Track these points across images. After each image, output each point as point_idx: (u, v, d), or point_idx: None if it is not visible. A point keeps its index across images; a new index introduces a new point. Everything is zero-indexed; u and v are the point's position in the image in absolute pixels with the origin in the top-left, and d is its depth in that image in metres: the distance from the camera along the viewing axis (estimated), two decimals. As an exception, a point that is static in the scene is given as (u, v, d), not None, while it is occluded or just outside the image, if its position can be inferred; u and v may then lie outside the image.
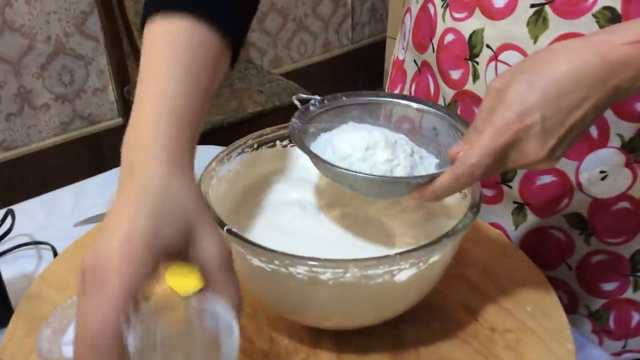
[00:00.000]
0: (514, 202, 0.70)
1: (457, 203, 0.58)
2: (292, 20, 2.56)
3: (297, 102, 0.58)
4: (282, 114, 1.86)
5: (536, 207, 0.69)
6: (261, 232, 0.57)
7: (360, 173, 0.51)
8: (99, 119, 2.17)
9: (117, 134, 2.19)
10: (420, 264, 0.49)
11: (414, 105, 0.59)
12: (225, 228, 0.50)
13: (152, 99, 0.47)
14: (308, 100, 0.59)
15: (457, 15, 0.67)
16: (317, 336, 0.57)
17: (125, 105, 1.98)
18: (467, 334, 0.58)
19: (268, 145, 0.64)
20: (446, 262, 0.53)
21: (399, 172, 0.53)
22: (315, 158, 0.52)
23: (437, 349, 0.56)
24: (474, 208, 0.53)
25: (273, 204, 0.61)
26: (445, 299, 0.61)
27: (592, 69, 0.46)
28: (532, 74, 0.47)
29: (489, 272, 0.65)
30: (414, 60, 0.77)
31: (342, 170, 0.51)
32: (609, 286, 0.70)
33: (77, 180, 0.92)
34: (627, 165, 0.63)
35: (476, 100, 0.68)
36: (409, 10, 0.78)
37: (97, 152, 2.19)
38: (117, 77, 1.97)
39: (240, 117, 1.79)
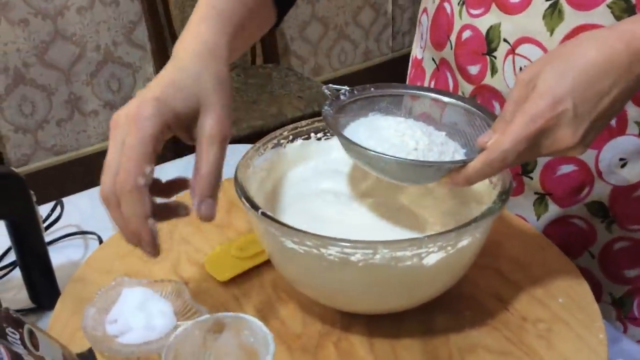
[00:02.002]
0: (535, 193, 0.71)
1: (488, 192, 0.59)
2: (332, 28, 2.60)
3: (327, 92, 0.60)
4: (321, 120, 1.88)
5: (558, 197, 0.70)
6: (294, 217, 0.59)
7: (392, 156, 0.52)
8: (145, 125, 2.23)
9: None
10: (449, 247, 0.50)
11: (442, 98, 0.61)
12: (259, 211, 0.52)
13: (199, 7, 0.55)
14: (338, 90, 0.61)
15: (473, 12, 0.69)
16: (349, 320, 0.59)
17: (170, 111, 2.03)
18: (498, 323, 0.58)
19: (303, 137, 0.66)
20: (476, 248, 0.54)
21: (430, 158, 0.54)
22: (348, 142, 0.54)
23: (467, 336, 0.57)
24: (503, 195, 0.53)
25: (306, 193, 0.63)
26: (476, 289, 0.62)
27: (619, 57, 0.47)
28: (561, 63, 0.48)
29: (521, 264, 0.65)
30: (432, 58, 0.79)
31: (374, 153, 0.52)
32: (632, 272, 0.70)
33: None
34: None
35: (495, 94, 0.69)
36: (425, 10, 0.81)
37: (142, 158, 2.25)
38: (162, 84, 2.03)
39: (279, 122, 1.82)
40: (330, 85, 0.61)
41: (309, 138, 0.67)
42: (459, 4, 0.71)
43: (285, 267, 0.56)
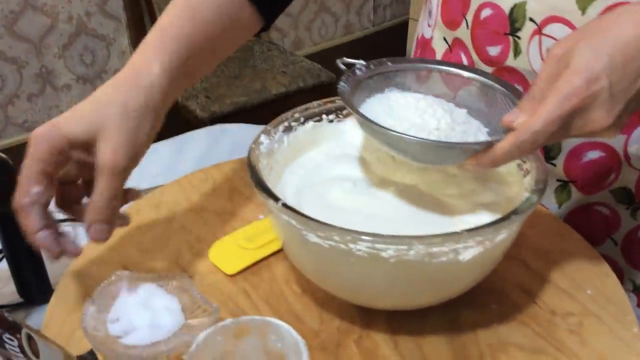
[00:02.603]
0: (558, 180, 0.68)
1: (516, 177, 0.55)
2: (313, 1, 2.53)
3: (341, 66, 0.56)
4: (305, 95, 1.83)
5: (582, 185, 0.67)
6: (311, 207, 0.55)
7: (414, 137, 0.48)
8: (120, 100, 2.15)
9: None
10: (487, 242, 0.46)
11: (462, 72, 0.57)
12: (279, 202, 0.48)
13: (152, 29, 0.55)
14: (352, 64, 0.56)
15: None
16: (369, 316, 0.55)
17: (147, 86, 1.96)
18: (526, 317, 0.55)
19: (314, 119, 0.62)
20: (510, 241, 0.51)
21: (453, 138, 0.51)
22: (367, 121, 0.50)
23: (496, 332, 0.54)
24: (541, 184, 0.50)
25: (321, 180, 0.59)
26: (501, 281, 0.59)
27: None
28: (596, 39, 0.45)
29: (545, 254, 0.62)
30: (444, 38, 0.74)
31: (395, 133, 0.49)
32: None
33: None
34: None
35: (517, 75, 0.66)
36: None
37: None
38: (139, 57, 1.95)
39: (263, 98, 1.77)
40: (345, 58, 0.57)
41: (320, 120, 0.62)
42: None
43: (305, 261, 0.52)
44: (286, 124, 0.60)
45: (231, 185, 0.73)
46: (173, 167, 0.88)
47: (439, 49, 0.76)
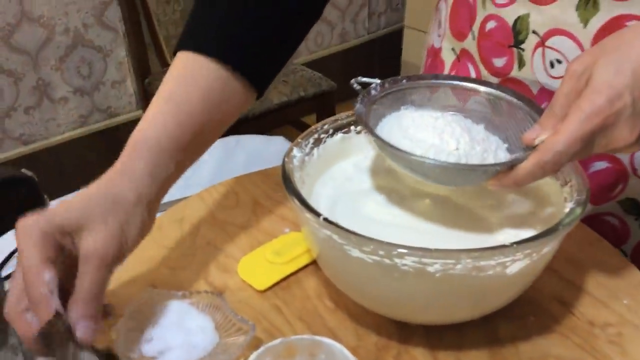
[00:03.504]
0: None
1: (554, 189, 0.55)
2: (309, 10, 2.52)
3: (356, 86, 0.55)
4: (307, 104, 1.82)
5: (591, 194, 0.66)
6: (347, 221, 0.53)
7: (436, 161, 0.48)
8: (118, 112, 2.13)
9: (135, 126, 2.16)
10: (534, 254, 0.46)
11: (478, 87, 0.56)
12: (321, 217, 0.47)
13: (142, 121, 0.55)
14: (368, 84, 0.55)
15: (499, 2, 0.65)
16: (407, 332, 0.54)
17: (146, 97, 1.94)
18: (565, 328, 0.55)
19: (343, 130, 0.61)
20: (553, 253, 0.50)
21: (473, 158, 0.50)
22: (387, 146, 0.49)
23: (537, 345, 0.53)
24: (584, 195, 0.49)
25: (353, 192, 0.58)
26: (536, 292, 0.58)
27: None
28: (617, 55, 0.44)
29: (577, 263, 0.61)
30: (452, 49, 0.74)
31: (416, 158, 0.48)
32: None
33: (96, 174, 0.89)
34: None
35: (522, 86, 0.66)
36: None
37: (115, 146, 2.13)
38: (137, 68, 1.93)
39: (265, 108, 1.76)
40: (360, 78, 0.56)
41: (349, 131, 0.61)
42: None
43: (344, 277, 0.51)
44: (316, 136, 0.59)
45: (253, 198, 0.72)
46: (189, 180, 0.87)
47: (448, 59, 0.76)
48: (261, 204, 0.71)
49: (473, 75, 0.71)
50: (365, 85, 0.56)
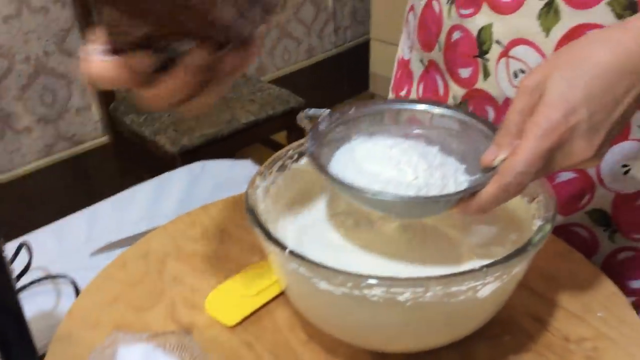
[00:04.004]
0: None
1: (520, 203, 0.54)
2: (274, 26, 2.52)
3: (304, 120, 0.54)
4: (277, 122, 1.81)
5: (558, 205, 0.66)
6: (315, 250, 0.52)
7: (396, 195, 0.47)
8: (84, 139, 2.10)
9: (102, 153, 2.12)
10: (505, 276, 0.45)
11: (430, 109, 0.55)
12: (287, 250, 0.45)
13: None
14: (316, 116, 0.54)
15: (463, 12, 0.64)
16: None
17: (111, 123, 1.91)
18: (541, 346, 0.54)
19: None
20: (524, 272, 0.49)
21: (433, 186, 0.49)
22: (343, 185, 0.48)
23: (514, 365, 0.52)
24: (551, 211, 0.49)
25: (322, 219, 0.56)
26: (510, 309, 0.57)
27: (635, 58, 0.43)
28: (571, 68, 0.44)
29: (550, 277, 0.61)
30: (421, 60, 0.74)
31: (376, 196, 0.47)
32: (638, 283, 0.67)
33: (64, 204, 0.86)
34: None
35: (488, 98, 0.65)
36: (412, 8, 0.76)
37: (83, 174, 2.12)
38: (101, 94, 1.90)
39: (233, 128, 1.74)
40: (307, 110, 0.54)
41: (313, 156, 0.60)
42: (447, 2, 0.66)
43: (313, 308, 0.50)
44: (280, 162, 0.57)
45: (221, 227, 0.70)
46: (155, 211, 0.85)
47: (417, 71, 0.76)
48: (229, 232, 0.69)
49: (441, 86, 0.71)
50: (314, 118, 0.54)
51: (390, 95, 0.82)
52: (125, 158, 2.00)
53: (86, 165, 2.11)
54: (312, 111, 0.54)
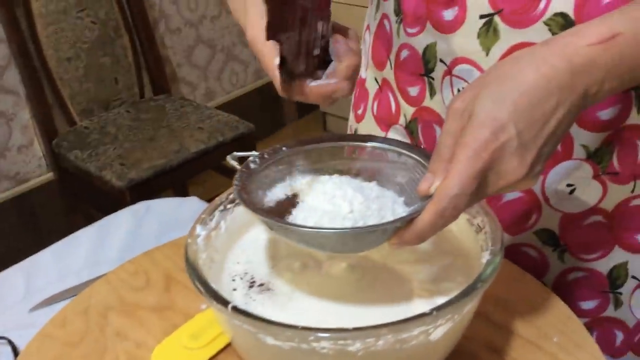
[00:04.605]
0: None
1: (469, 234, 0.53)
2: (220, 50, 2.50)
3: (233, 162, 0.52)
4: (227, 148, 1.78)
5: (505, 224, 0.66)
6: (262, 299, 0.50)
7: (330, 229, 0.45)
8: (28, 177, 2.02)
9: (48, 190, 2.05)
10: (456, 316, 0.44)
11: (361, 143, 0.54)
12: (229, 306, 0.43)
13: None
14: (244, 158, 0.53)
15: (410, 30, 0.64)
16: (339, 407, 0.51)
17: (55, 159, 1.84)
18: (499, 378, 0.53)
19: (249, 197, 0.58)
20: (476, 307, 0.48)
21: (370, 218, 0.47)
22: (273, 221, 0.46)
23: (473, 402, 0.51)
24: (498, 244, 0.48)
25: (268, 264, 0.54)
26: (466, 340, 0.55)
27: (561, 75, 0.43)
28: (498, 86, 0.43)
29: (504, 303, 0.60)
30: (375, 78, 0.74)
31: (309, 230, 0.45)
32: (589, 304, 0.67)
33: (10, 245, 0.82)
34: (596, 177, 0.60)
35: (435, 117, 0.65)
36: (367, 27, 0.76)
37: (28, 213, 2.04)
38: (43, 130, 1.84)
39: (183, 158, 1.70)
40: (236, 153, 0.53)
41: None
42: (397, 21, 0.66)
43: (263, 363, 0.47)
44: (221, 207, 0.55)
45: (165, 274, 0.67)
46: (98, 257, 0.81)
47: (372, 89, 0.76)
48: (175, 279, 0.66)
49: (393, 105, 0.71)
50: (243, 160, 0.53)
51: (350, 115, 0.82)
52: (72, 195, 1.94)
53: (32, 204, 2.03)
54: (240, 154, 0.53)
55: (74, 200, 1.97)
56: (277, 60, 0.47)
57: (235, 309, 0.43)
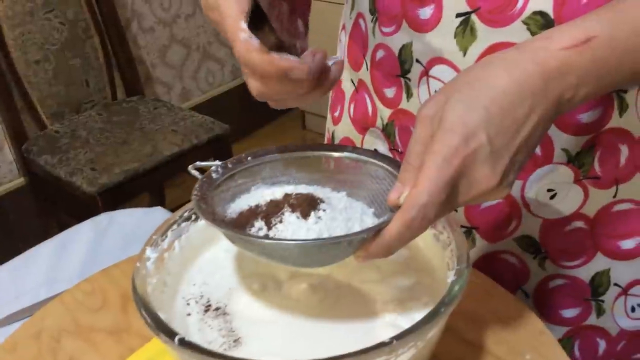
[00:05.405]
0: (462, 227, 0.64)
1: (434, 250, 0.51)
2: (195, 49, 2.45)
3: (195, 173, 0.49)
4: (201, 151, 1.75)
5: (484, 231, 0.64)
6: (218, 325, 0.48)
7: (291, 240, 0.43)
8: (-2, 182, 1.97)
9: (20, 196, 2.00)
10: (420, 342, 0.41)
11: (330, 153, 0.52)
12: (176, 339, 0.40)
13: None
14: (206, 169, 0.50)
15: (385, 30, 0.61)
16: None
17: (25, 163, 1.80)
18: (469, 400, 0.51)
19: (206, 213, 0.55)
20: (442, 328, 0.46)
21: (337, 229, 0.44)
22: (232, 232, 0.43)
23: None
24: (463, 262, 0.45)
25: (226, 286, 0.52)
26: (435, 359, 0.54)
27: (534, 80, 0.41)
28: (469, 91, 0.41)
29: (475, 318, 0.58)
30: (351, 80, 0.72)
31: (269, 241, 0.43)
32: (570, 312, 0.65)
33: None
34: (577, 181, 0.58)
35: (412, 119, 0.63)
36: (343, 27, 0.73)
37: (0, 218, 1.99)
38: (12, 135, 1.79)
39: (156, 162, 1.66)
40: (198, 163, 0.50)
41: (213, 213, 0.55)
42: (372, 20, 0.63)
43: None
44: (175, 227, 0.52)
45: (124, 294, 0.64)
46: (56, 274, 0.78)
47: (348, 90, 0.73)
48: (132, 298, 0.63)
49: (369, 106, 0.68)
50: (204, 170, 0.50)
51: (328, 117, 0.79)
52: (44, 200, 1.89)
53: (4, 210, 1.98)
54: (202, 163, 0.50)
55: (45, 205, 1.92)
56: (244, 24, 0.45)
57: (182, 342, 0.40)
